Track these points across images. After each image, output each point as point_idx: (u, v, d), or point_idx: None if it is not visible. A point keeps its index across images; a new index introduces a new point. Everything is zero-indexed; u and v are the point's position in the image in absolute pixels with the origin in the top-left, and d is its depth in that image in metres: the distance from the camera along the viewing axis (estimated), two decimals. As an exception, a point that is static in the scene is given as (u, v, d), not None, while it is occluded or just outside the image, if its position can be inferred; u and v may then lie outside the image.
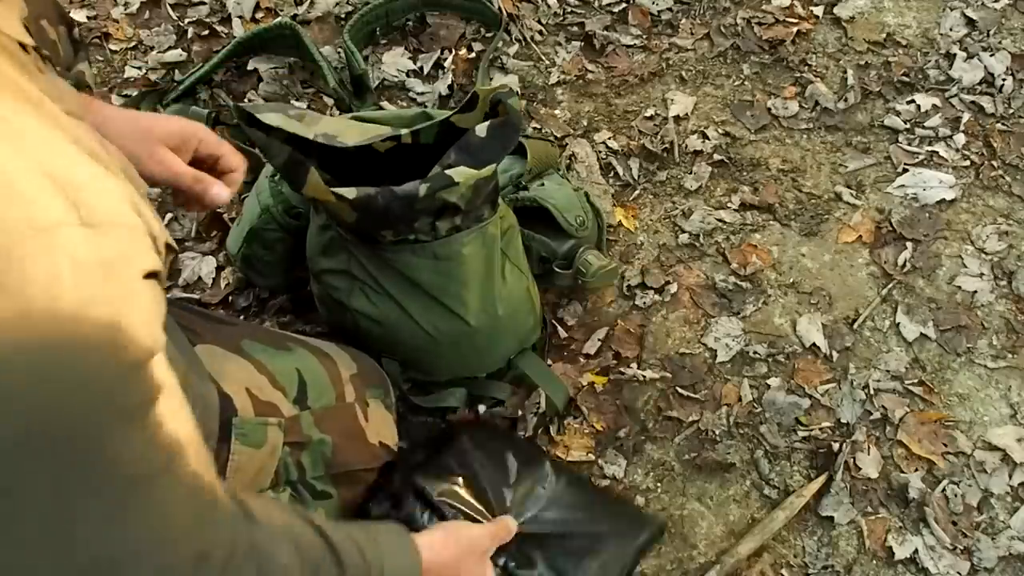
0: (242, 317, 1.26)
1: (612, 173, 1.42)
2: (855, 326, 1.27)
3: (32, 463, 0.38)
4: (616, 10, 1.60)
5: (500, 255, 1.03)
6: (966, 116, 1.47)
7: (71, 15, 0.86)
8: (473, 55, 1.53)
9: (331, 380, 0.91)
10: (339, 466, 0.90)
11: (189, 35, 1.53)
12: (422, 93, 1.48)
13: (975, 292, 1.30)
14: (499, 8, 1.54)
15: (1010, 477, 1.15)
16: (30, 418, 0.37)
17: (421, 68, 1.51)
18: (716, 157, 1.43)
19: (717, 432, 1.18)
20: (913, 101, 1.49)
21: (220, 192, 0.83)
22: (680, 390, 1.21)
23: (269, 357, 0.87)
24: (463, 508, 0.95)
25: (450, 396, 1.15)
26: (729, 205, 1.38)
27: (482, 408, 1.18)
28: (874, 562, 1.10)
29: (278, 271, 1.19)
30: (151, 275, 0.43)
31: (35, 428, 0.38)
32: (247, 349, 0.88)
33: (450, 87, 1.48)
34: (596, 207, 1.22)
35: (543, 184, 1.17)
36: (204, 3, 1.58)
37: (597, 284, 1.19)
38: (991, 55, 1.54)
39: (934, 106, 1.49)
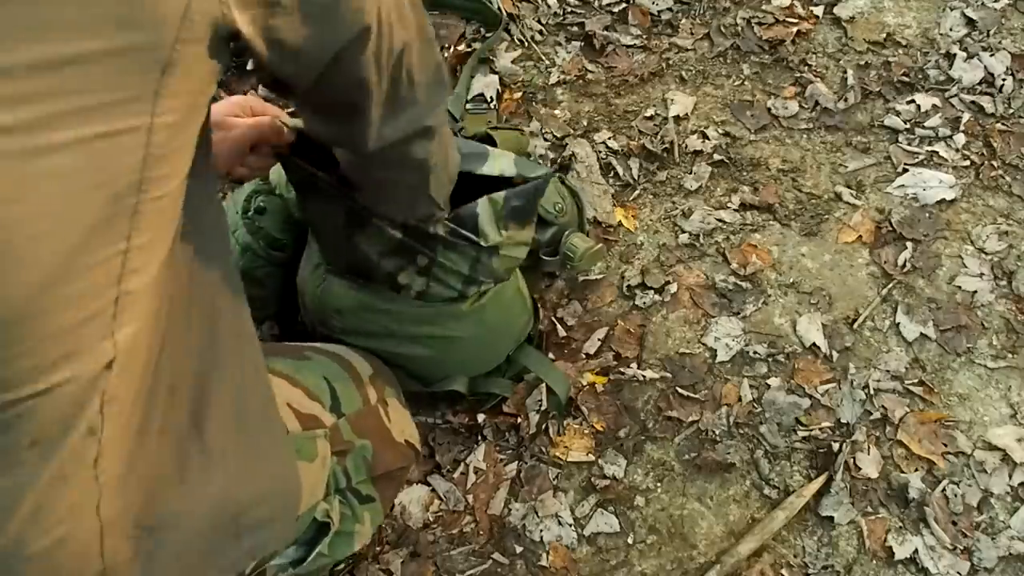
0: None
1: (612, 173, 1.42)
2: (855, 326, 1.27)
3: None
4: (616, 10, 1.61)
5: None
6: (966, 116, 1.47)
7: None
8: (471, 50, 1.53)
9: (355, 384, 0.91)
10: (379, 468, 0.90)
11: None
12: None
13: (975, 292, 1.30)
14: (499, 8, 1.54)
15: (1010, 477, 1.15)
16: None
17: (421, 68, 1.50)
18: (716, 157, 1.43)
19: (717, 432, 1.18)
20: (913, 101, 1.49)
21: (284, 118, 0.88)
22: (680, 390, 1.21)
23: (295, 370, 0.87)
24: None
25: (453, 380, 1.14)
26: (729, 205, 1.38)
27: (482, 417, 1.18)
28: (874, 562, 1.10)
29: (272, 303, 1.17)
30: None
31: None
32: (273, 365, 0.87)
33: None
34: (572, 188, 1.21)
35: None
36: (204, 3, 1.58)
37: (586, 267, 1.19)
38: (991, 55, 1.54)
39: (934, 106, 1.49)
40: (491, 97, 1.47)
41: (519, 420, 1.18)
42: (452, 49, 1.53)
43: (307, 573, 0.88)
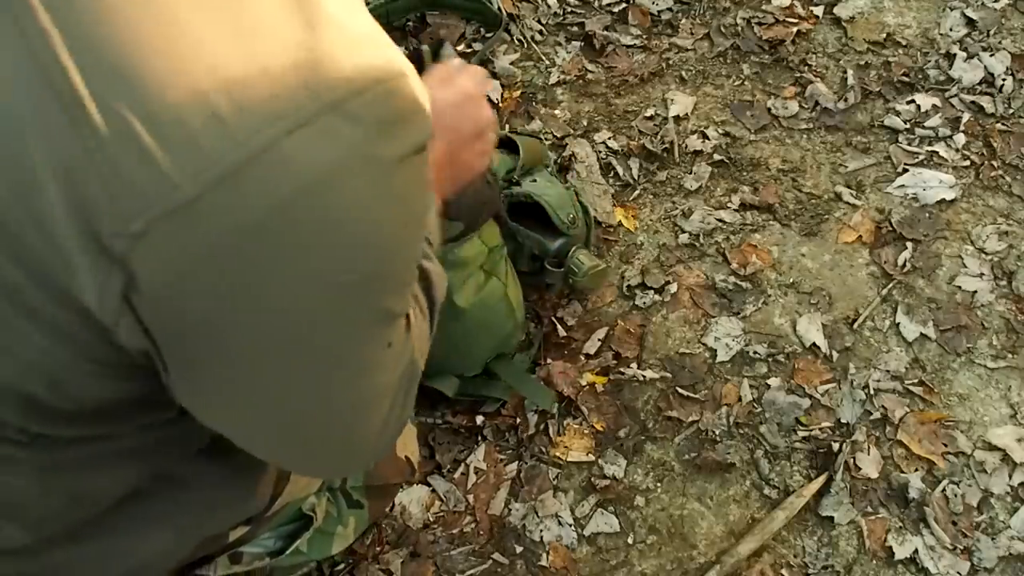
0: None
1: (612, 173, 1.42)
2: (855, 326, 1.27)
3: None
4: (616, 10, 1.61)
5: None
6: (966, 116, 1.47)
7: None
8: (471, 51, 1.53)
9: None
10: (375, 479, 0.91)
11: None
12: (422, 93, 1.48)
13: (975, 292, 1.30)
14: (499, 8, 1.54)
15: (1010, 477, 1.15)
16: None
17: (421, 68, 1.51)
18: (716, 157, 1.43)
19: (717, 432, 1.18)
20: (913, 101, 1.49)
21: None
22: (680, 390, 1.21)
23: None
24: None
25: (442, 380, 1.13)
26: (729, 205, 1.38)
27: (481, 418, 1.18)
28: (874, 562, 1.10)
29: None
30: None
31: None
32: None
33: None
34: (584, 205, 1.22)
35: (535, 180, 1.17)
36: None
37: (587, 284, 1.19)
38: (991, 55, 1.54)
39: (934, 106, 1.49)
40: (496, 99, 1.47)
41: (518, 421, 1.18)
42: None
43: (284, 567, 0.88)
